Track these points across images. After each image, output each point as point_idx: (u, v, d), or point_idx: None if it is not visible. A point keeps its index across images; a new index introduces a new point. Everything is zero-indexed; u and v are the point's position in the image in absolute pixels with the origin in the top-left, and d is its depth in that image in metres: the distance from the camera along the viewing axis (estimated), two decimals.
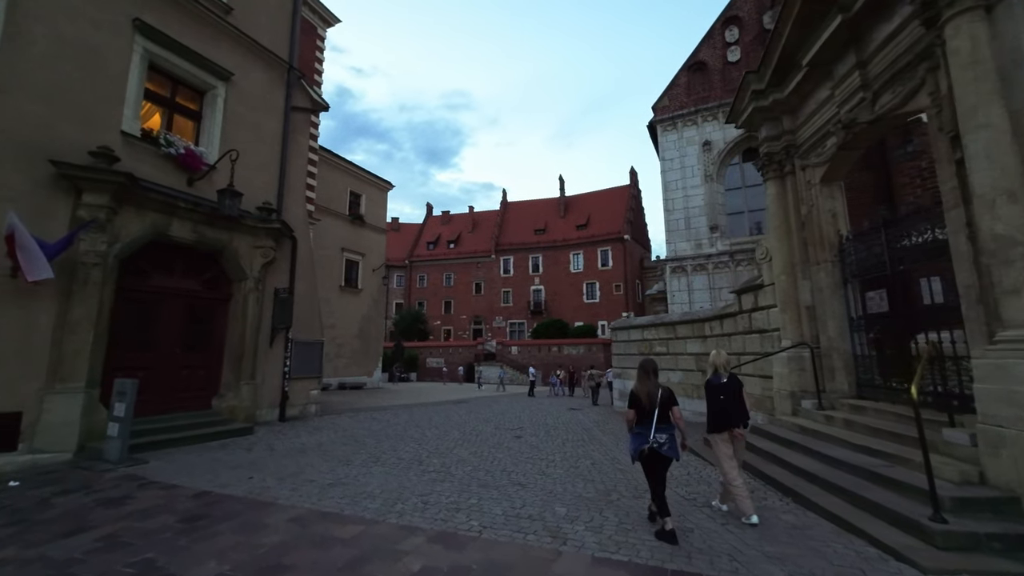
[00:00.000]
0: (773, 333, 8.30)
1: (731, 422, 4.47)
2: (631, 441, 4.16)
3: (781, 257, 7.52)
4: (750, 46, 16.03)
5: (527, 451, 8.13)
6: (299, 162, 11.99)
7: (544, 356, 41.75)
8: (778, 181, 7.71)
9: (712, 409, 4.57)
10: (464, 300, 52.51)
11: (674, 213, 16.26)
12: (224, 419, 9.04)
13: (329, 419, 11.71)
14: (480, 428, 10.95)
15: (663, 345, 13.12)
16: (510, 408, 16.11)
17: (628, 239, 48.13)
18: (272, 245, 10.30)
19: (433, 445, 8.58)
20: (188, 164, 8.98)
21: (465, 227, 57.14)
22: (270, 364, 10.45)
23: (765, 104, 7.64)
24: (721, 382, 4.64)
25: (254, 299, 9.97)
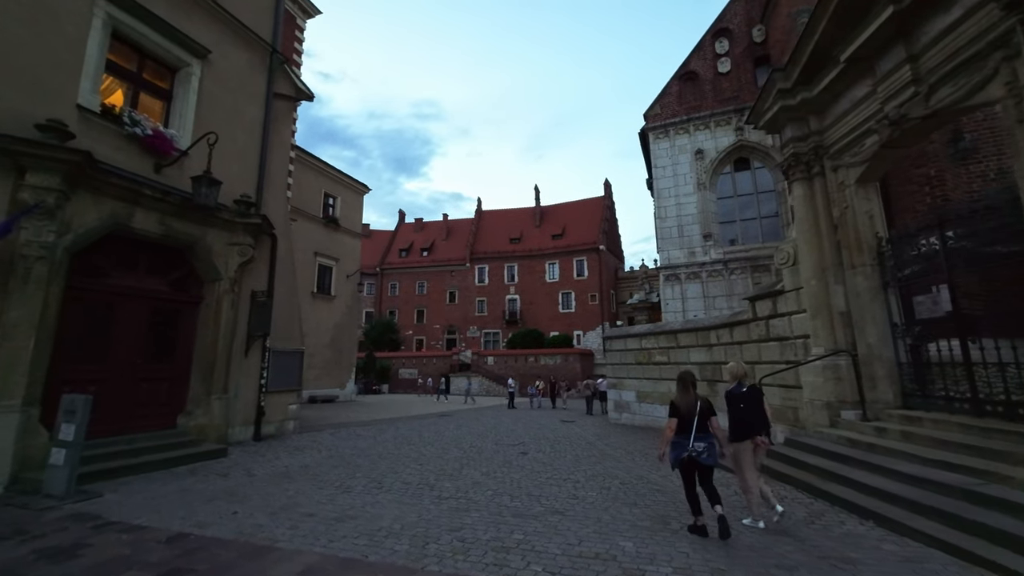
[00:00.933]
0: (797, 341, 7.99)
1: (754, 430, 4.56)
2: (671, 450, 4.33)
3: (811, 261, 7.22)
4: (740, 58, 16.24)
5: (542, 470, 7.41)
6: (280, 153, 10.96)
7: (521, 366, 41.03)
8: (805, 183, 7.45)
9: (734, 418, 4.61)
10: (438, 309, 51.24)
11: (667, 221, 16.10)
12: (192, 439, 7.85)
13: (309, 436, 10.57)
14: (478, 444, 10.13)
15: (663, 354, 12.74)
16: (499, 421, 15.31)
17: (603, 249, 48.45)
18: (251, 242, 9.22)
19: (436, 465, 7.73)
20: (156, 148, 7.88)
21: (439, 235, 56.06)
22: (245, 376, 9.30)
23: (792, 103, 7.39)
24: (741, 391, 4.74)
25: (229, 302, 8.85)
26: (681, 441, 4.24)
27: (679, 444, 4.26)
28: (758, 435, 4.54)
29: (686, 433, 4.23)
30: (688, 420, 4.24)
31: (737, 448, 4.57)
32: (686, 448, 4.18)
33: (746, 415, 4.58)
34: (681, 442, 4.24)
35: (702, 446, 4.16)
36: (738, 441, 4.57)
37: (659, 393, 12.78)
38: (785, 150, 7.77)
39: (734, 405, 4.68)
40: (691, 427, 4.21)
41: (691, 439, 4.17)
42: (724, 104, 15.94)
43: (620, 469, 7.50)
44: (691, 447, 4.15)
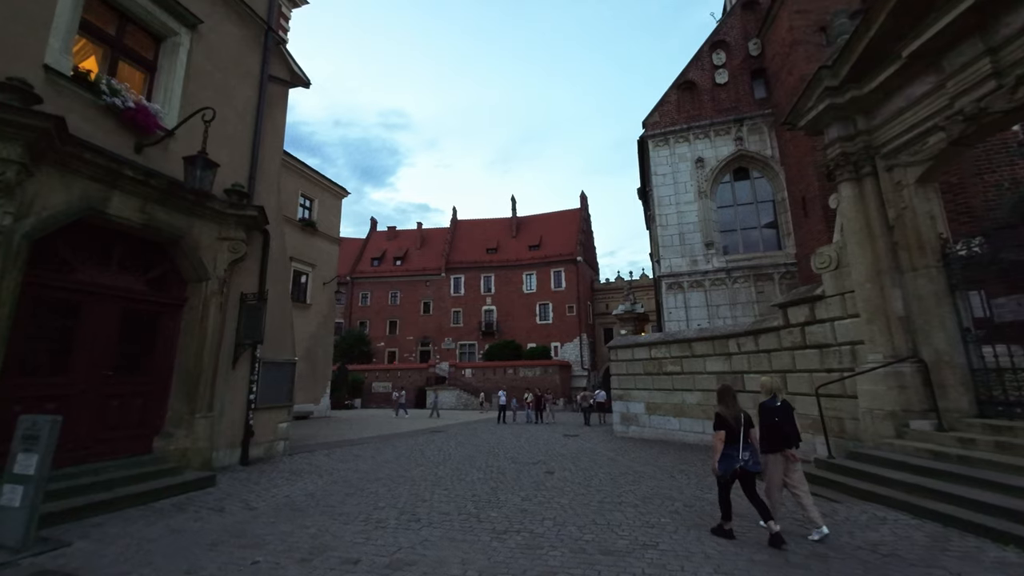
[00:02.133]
0: (842, 348, 7.67)
1: (788, 443, 4.63)
2: (721, 462, 4.44)
3: (864, 264, 6.93)
4: (737, 70, 16.44)
5: (585, 492, 6.66)
6: (274, 142, 9.90)
7: (500, 378, 40.03)
8: (854, 183, 7.20)
9: (768, 430, 4.67)
10: (411, 320, 49.62)
11: (667, 228, 15.90)
12: (172, 467, 6.61)
13: (302, 459, 9.38)
14: (493, 463, 9.26)
15: (676, 364, 12.32)
16: (499, 437, 14.41)
17: (581, 260, 48.54)
18: (243, 238, 8.11)
19: (464, 489, 6.84)
20: (138, 123, 6.76)
21: (413, 243, 54.66)
22: (231, 391, 8.10)
23: (840, 102, 7.17)
24: (776, 405, 4.77)
25: (217, 306, 7.69)
26: (731, 452, 4.39)
27: (729, 456, 4.40)
28: (791, 447, 4.63)
29: (735, 444, 4.38)
30: (736, 431, 4.40)
31: (769, 459, 4.65)
32: (736, 459, 4.35)
33: (780, 428, 4.64)
34: (731, 453, 4.39)
35: (748, 455, 4.36)
36: (771, 452, 4.64)
37: (671, 404, 12.32)
38: (829, 150, 7.54)
39: (769, 417, 4.71)
40: (739, 438, 4.38)
41: (740, 450, 4.35)
42: (723, 114, 16.04)
43: (669, 489, 6.86)
44: (740, 457, 4.33)
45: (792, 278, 14.35)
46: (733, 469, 4.36)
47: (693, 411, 11.68)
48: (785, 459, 4.62)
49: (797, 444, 4.65)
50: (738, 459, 4.33)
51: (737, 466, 4.33)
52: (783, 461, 4.61)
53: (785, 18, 14.19)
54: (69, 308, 6.16)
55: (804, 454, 8.69)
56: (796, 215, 14.28)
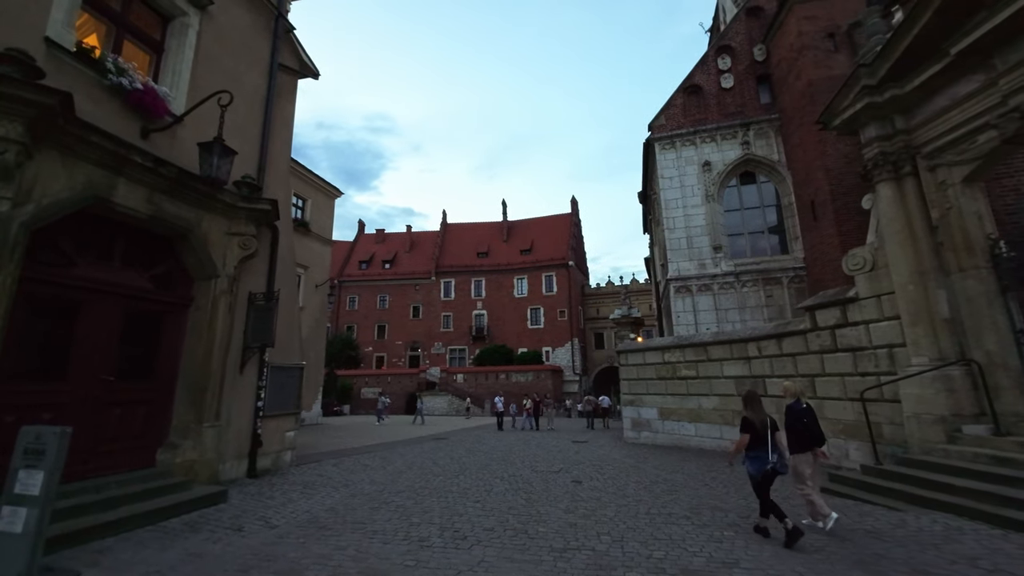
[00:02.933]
0: (878, 351, 7.52)
1: (815, 442, 4.87)
2: (750, 463, 4.72)
3: (906, 265, 6.80)
4: (742, 75, 16.51)
5: (627, 504, 6.31)
6: (283, 134, 9.37)
7: (492, 383, 39.55)
8: (893, 184, 7.09)
9: (796, 432, 4.85)
10: (400, 324, 48.78)
11: (675, 232, 15.78)
12: (179, 482, 6.02)
13: (310, 470, 8.82)
14: (514, 472, 8.85)
15: (691, 368, 12.11)
16: (508, 445, 13.97)
17: (572, 265, 48.50)
18: (253, 233, 7.58)
19: (497, 501, 6.43)
20: (146, 107, 6.23)
21: (402, 246, 53.91)
22: (238, 398, 7.53)
23: (879, 101, 7.06)
24: (802, 407, 4.99)
25: (226, 306, 7.14)
26: (760, 455, 4.63)
27: (759, 457, 4.64)
28: (818, 447, 4.88)
29: (763, 447, 4.62)
30: (763, 435, 4.63)
31: (798, 459, 4.82)
32: (767, 460, 4.57)
33: (808, 429, 4.86)
34: (760, 455, 4.62)
35: (775, 457, 4.57)
36: (800, 453, 4.82)
37: (686, 410, 12.09)
38: (866, 150, 7.42)
39: (797, 420, 4.91)
40: (766, 441, 4.61)
41: (768, 452, 4.58)
42: (730, 118, 16.05)
43: (711, 498, 6.55)
44: (770, 459, 4.56)
45: (801, 282, 14.35)
46: (765, 470, 4.60)
47: (710, 416, 11.46)
48: (815, 457, 4.87)
49: (823, 443, 4.95)
50: (768, 460, 4.57)
51: (768, 467, 4.57)
52: (812, 460, 4.87)
53: (793, 24, 14.28)
54: (68, 306, 5.57)
55: (836, 459, 8.56)
56: (804, 219, 14.31)
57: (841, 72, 13.61)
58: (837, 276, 12.82)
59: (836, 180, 12.84)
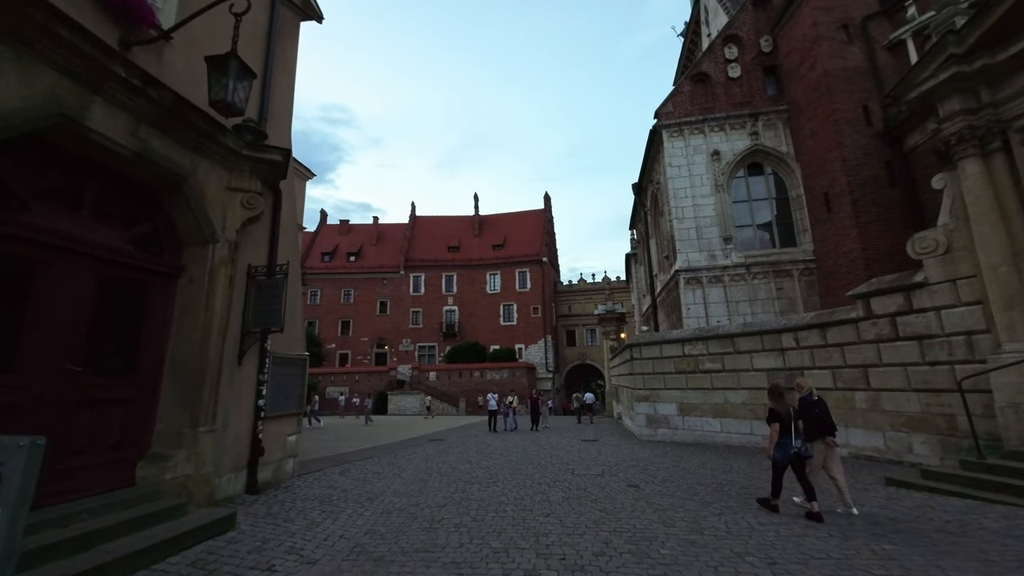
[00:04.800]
0: (953, 338, 7.12)
1: (828, 431, 5.27)
2: (776, 450, 5.13)
3: (997, 246, 6.39)
4: (749, 65, 16.27)
5: (715, 510, 5.47)
6: (286, 81, 7.84)
7: (466, 382, 38.24)
8: (979, 159, 6.68)
9: (811, 422, 5.23)
10: (366, 320, 46.38)
11: (684, 222, 15.28)
12: (172, 505, 4.56)
13: (317, 481, 7.43)
14: (555, 477, 7.84)
15: (716, 361, 11.55)
16: (517, 446, 12.91)
17: (546, 261, 47.96)
18: (259, 190, 6.14)
19: (574, 516, 5.41)
20: (129, 11, 4.71)
21: (368, 239, 51.38)
22: (235, 395, 6.07)
23: (967, 71, 6.62)
24: (813, 400, 5.40)
25: (226, 279, 5.67)
26: (786, 441, 5.07)
27: (785, 444, 5.07)
28: (830, 435, 5.26)
29: (788, 435, 5.06)
30: (789, 424, 5.09)
31: (812, 447, 5.22)
32: (791, 447, 5.03)
33: (821, 419, 5.27)
34: (786, 442, 5.07)
35: (800, 443, 5.03)
36: (813, 441, 5.22)
37: (711, 405, 11.52)
38: (947, 125, 6.99)
39: (810, 411, 5.29)
40: (791, 429, 5.06)
41: (793, 438, 5.03)
42: (738, 108, 15.75)
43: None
44: (794, 445, 5.01)
45: (810, 275, 14.24)
46: (789, 455, 5.05)
47: (738, 411, 10.93)
48: (826, 446, 5.26)
49: (834, 432, 5.31)
50: (792, 446, 5.01)
51: (792, 452, 5.02)
52: (824, 448, 5.26)
53: (808, 14, 14.12)
54: (19, 269, 4.01)
55: (896, 454, 8.16)
56: (815, 211, 14.19)
57: (855, 64, 13.57)
58: (854, 267, 12.72)
59: (853, 171, 12.72)
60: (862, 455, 8.51)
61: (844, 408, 8.89)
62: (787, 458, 5.06)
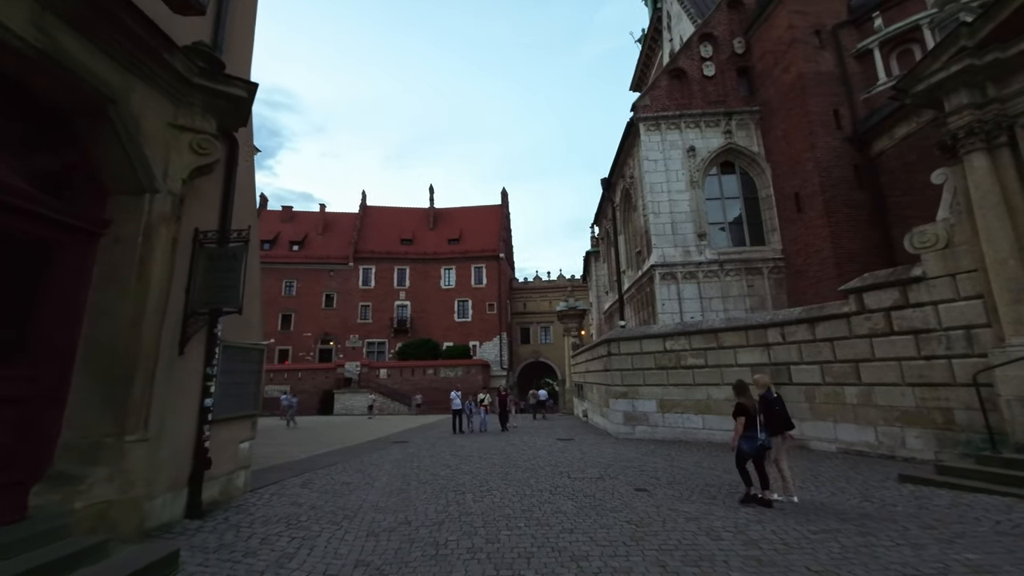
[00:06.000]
0: (952, 332, 7.13)
1: (787, 426, 5.48)
2: (745, 443, 5.47)
3: (1003, 240, 6.40)
4: (724, 64, 16.40)
5: (752, 518, 4.95)
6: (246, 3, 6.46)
7: (419, 379, 36.65)
8: (985, 153, 6.69)
9: (770, 418, 5.44)
10: (310, 314, 43.38)
11: (660, 217, 15.09)
12: (83, 547, 3.28)
13: (274, 496, 6.18)
14: (556, 483, 7.08)
15: (699, 356, 11.31)
16: (495, 448, 12.03)
17: (503, 257, 47.26)
18: (213, 132, 4.85)
19: (600, 531, 4.67)
20: None
21: (314, 228, 48.15)
22: (174, 392, 4.75)
23: (978, 64, 6.60)
24: (773, 396, 5.58)
25: (167, 241, 4.37)
26: (753, 435, 5.39)
27: (752, 437, 5.40)
28: (789, 430, 5.50)
29: (755, 428, 5.39)
30: (754, 418, 5.42)
31: (774, 441, 5.45)
32: (758, 439, 5.36)
33: (779, 414, 5.46)
34: (753, 435, 5.39)
35: (764, 435, 5.36)
36: (774, 435, 5.44)
37: (693, 401, 11.27)
38: (953, 119, 6.97)
39: (770, 407, 5.49)
40: (756, 423, 5.39)
41: (759, 431, 5.36)
42: (713, 106, 15.81)
43: (832, 499, 5.47)
44: (759, 437, 5.35)
45: (779, 273, 14.51)
46: (756, 448, 5.37)
47: (722, 407, 10.70)
48: (784, 439, 5.50)
49: (792, 427, 5.57)
50: (759, 439, 5.36)
51: (758, 444, 5.35)
52: (782, 441, 5.50)
53: (784, 16, 14.36)
54: None
55: (889, 449, 8.15)
56: (785, 212, 14.49)
57: (827, 69, 13.96)
58: (824, 266, 13.03)
59: (825, 173, 13.03)
60: (852, 450, 8.47)
61: (834, 403, 8.86)
62: (755, 450, 5.39)
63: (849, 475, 6.89)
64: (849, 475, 6.89)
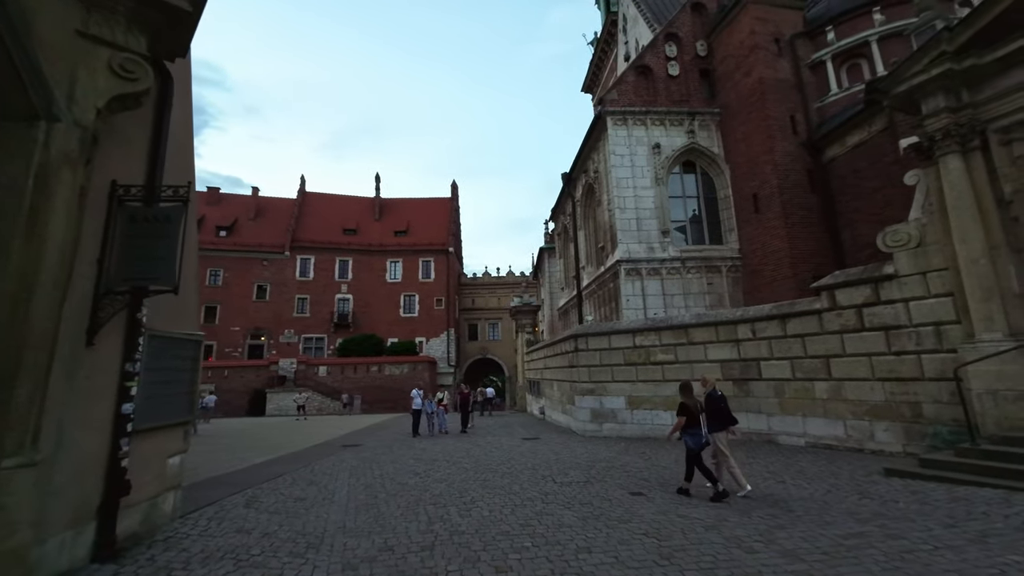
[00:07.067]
0: (922, 328, 7.38)
1: (730, 422, 5.80)
2: (690, 439, 5.70)
3: (976, 240, 6.65)
4: (688, 65, 16.62)
5: (774, 522, 4.65)
6: None
7: (362, 377, 34.63)
8: (959, 156, 6.93)
9: (715, 414, 5.76)
10: (239, 306, 39.64)
11: (625, 212, 14.97)
12: None
13: (212, 520, 5.05)
14: (541, 488, 6.50)
15: (668, 352, 11.22)
16: (460, 451, 11.21)
17: (452, 252, 46.05)
18: (143, 52, 3.71)
19: (623, 549, 4.12)
20: None
21: (245, 212, 44.08)
22: (79, 396, 3.58)
23: (957, 69, 6.82)
24: (718, 394, 5.92)
25: (70, 190, 3.21)
26: (697, 431, 5.68)
27: (697, 433, 5.68)
28: (730, 426, 5.80)
29: (698, 425, 5.69)
30: (697, 416, 5.71)
31: (717, 436, 5.75)
32: (702, 436, 5.69)
33: (723, 411, 5.78)
34: (697, 432, 5.68)
35: (706, 432, 5.68)
36: (718, 431, 5.74)
37: (663, 397, 11.13)
38: (930, 122, 7.18)
39: (715, 405, 5.80)
40: (699, 421, 5.70)
41: (702, 428, 5.69)
42: (677, 105, 15.96)
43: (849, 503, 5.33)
44: (703, 434, 5.67)
45: (737, 271, 14.92)
46: (701, 443, 5.69)
47: None
48: (727, 435, 5.79)
49: (735, 423, 5.89)
50: (703, 435, 5.68)
51: (702, 440, 5.67)
52: (725, 436, 5.78)
53: (747, 22, 14.73)
54: None
55: (857, 442, 8.35)
56: (743, 212, 14.90)
57: (785, 76, 14.49)
58: (780, 266, 13.49)
59: (783, 175, 13.50)
60: (820, 444, 8.64)
61: (803, 398, 9.01)
62: (699, 446, 5.67)
63: (832, 470, 6.90)
64: (832, 470, 6.90)
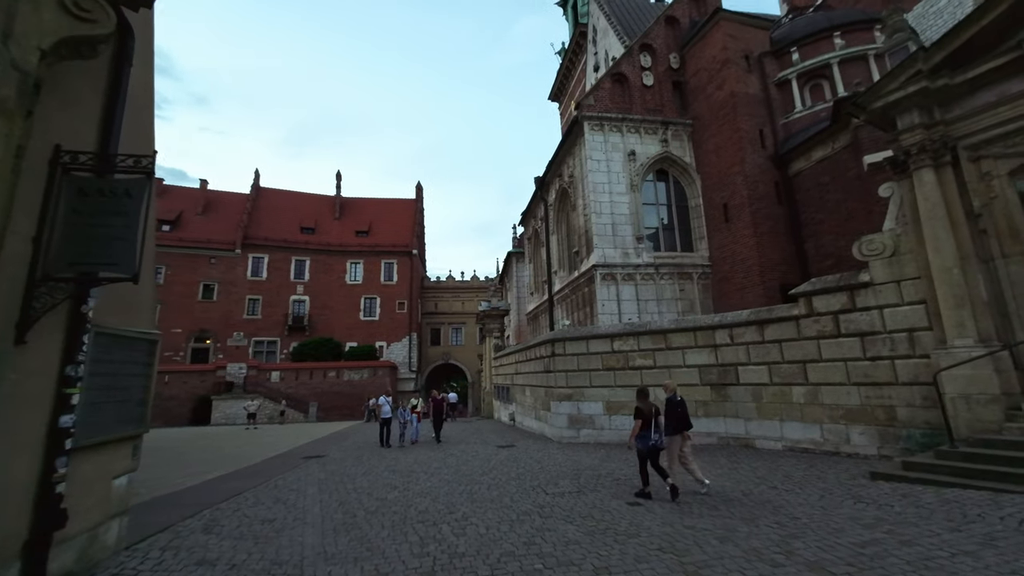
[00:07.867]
0: (896, 335, 7.64)
1: (686, 426, 6.13)
2: (639, 441, 5.96)
3: (948, 250, 6.95)
4: (662, 76, 16.96)
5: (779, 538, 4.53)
6: None
7: (317, 383, 32.94)
8: (932, 170, 7.26)
9: (673, 419, 6.08)
10: (182, 307, 36.76)
11: (601, 217, 14.97)
12: None
13: (167, 551, 4.35)
14: (533, 500, 6.17)
15: (647, 357, 11.19)
16: (437, 461, 10.64)
17: (416, 254, 44.98)
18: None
19: (643, 566, 3.83)
20: None
21: (192, 206, 41.15)
22: (6, 406, 2.89)
23: (931, 87, 7.15)
24: (677, 399, 6.20)
25: (2, 151, 2.57)
26: (647, 435, 5.88)
27: (646, 436, 5.89)
28: (688, 430, 6.15)
29: (649, 429, 5.89)
30: (651, 420, 5.93)
31: (672, 440, 6.07)
32: (651, 439, 5.86)
33: (681, 415, 6.08)
34: (647, 435, 5.88)
35: (657, 436, 5.90)
36: (674, 435, 6.06)
37: None
38: (905, 137, 7.49)
39: (673, 409, 6.11)
40: (652, 425, 5.90)
41: (652, 432, 5.87)
42: (652, 114, 16.22)
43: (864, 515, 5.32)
44: (653, 438, 5.86)
45: (706, 278, 15.26)
46: (649, 446, 5.88)
47: None
48: (683, 438, 6.13)
49: (690, 427, 6.21)
50: (651, 439, 5.86)
51: (651, 444, 5.87)
52: (681, 440, 6.11)
53: (720, 37, 15.21)
54: None
55: (834, 446, 8.55)
56: (713, 221, 15.29)
57: (754, 92, 15.04)
58: (748, 274, 13.88)
59: (753, 186, 13.95)
60: (798, 447, 8.80)
61: (781, 402, 9.17)
62: (648, 449, 5.89)
63: (816, 474, 6.97)
64: (816, 474, 6.97)
